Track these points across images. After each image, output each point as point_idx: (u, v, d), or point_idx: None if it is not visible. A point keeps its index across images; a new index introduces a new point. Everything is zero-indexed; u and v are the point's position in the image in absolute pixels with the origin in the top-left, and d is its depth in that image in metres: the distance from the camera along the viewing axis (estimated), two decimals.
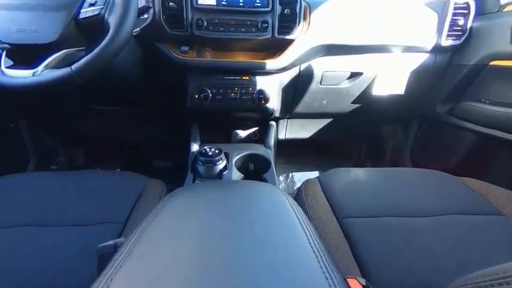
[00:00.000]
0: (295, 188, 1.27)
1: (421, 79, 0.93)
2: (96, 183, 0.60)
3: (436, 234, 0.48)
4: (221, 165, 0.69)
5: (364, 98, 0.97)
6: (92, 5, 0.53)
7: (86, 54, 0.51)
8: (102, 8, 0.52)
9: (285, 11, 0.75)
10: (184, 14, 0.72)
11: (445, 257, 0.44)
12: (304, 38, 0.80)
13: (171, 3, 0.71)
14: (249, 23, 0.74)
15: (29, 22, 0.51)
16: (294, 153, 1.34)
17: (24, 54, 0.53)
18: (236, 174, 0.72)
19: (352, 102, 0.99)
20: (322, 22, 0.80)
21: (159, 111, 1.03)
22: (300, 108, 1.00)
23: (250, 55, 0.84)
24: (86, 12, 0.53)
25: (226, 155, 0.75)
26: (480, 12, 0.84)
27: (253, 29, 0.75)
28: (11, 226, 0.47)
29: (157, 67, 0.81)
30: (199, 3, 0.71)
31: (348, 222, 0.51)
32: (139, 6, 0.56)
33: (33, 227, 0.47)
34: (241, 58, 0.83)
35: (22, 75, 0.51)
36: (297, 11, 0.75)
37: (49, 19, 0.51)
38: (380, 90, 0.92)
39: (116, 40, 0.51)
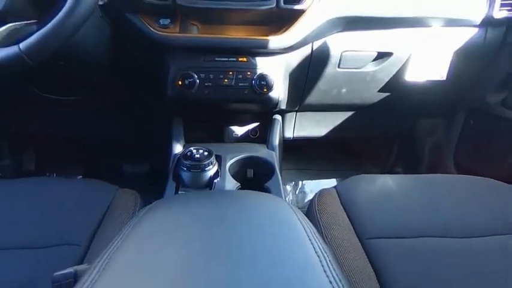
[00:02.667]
0: (307, 200, 1.27)
1: (467, 61, 0.93)
2: (51, 194, 0.60)
3: (489, 259, 0.49)
4: (211, 171, 0.69)
5: (395, 85, 0.97)
6: None
7: (38, 29, 0.51)
8: None
9: None
10: None
11: (500, 286, 0.45)
12: (317, 8, 0.79)
13: None
14: None
15: None
16: (304, 155, 1.34)
17: None
18: (231, 183, 0.72)
19: (379, 91, 1.00)
20: None
21: (130, 103, 1.03)
22: (313, 98, 1.00)
23: (248, 30, 0.84)
24: None
25: (218, 158, 0.75)
26: None
27: None
28: None
29: (128, 45, 0.81)
30: None
31: (373, 244, 0.52)
32: None
33: None
34: (237, 34, 0.83)
35: None
36: None
37: None
38: (415, 76, 0.93)
39: (76, 11, 0.51)
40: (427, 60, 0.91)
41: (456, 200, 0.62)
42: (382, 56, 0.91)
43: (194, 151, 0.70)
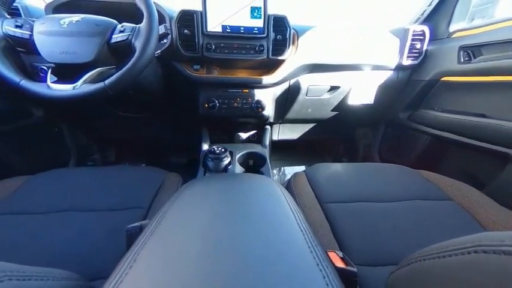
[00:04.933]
0: (286, 179, 1.26)
1: (386, 91, 0.93)
2: (125, 176, 0.60)
3: (399, 216, 0.48)
4: (226, 161, 0.69)
5: (341, 107, 0.97)
6: (121, 31, 0.53)
7: (116, 72, 0.51)
8: (130, 34, 0.52)
9: (278, 37, 0.75)
10: (196, 39, 0.72)
11: (406, 234, 0.44)
12: (293, 58, 0.80)
13: (185, 31, 0.71)
14: (248, 46, 0.74)
15: (70, 46, 0.51)
16: (285, 151, 1.34)
17: (66, 72, 0.52)
18: (238, 168, 0.72)
19: (332, 110, 1.00)
20: (307, 46, 0.80)
21: (176, 117, 1.02)
22: (290, 115, 1.00)
23: (249, 72, 0.84)
24: (117, 37, 0.53)
25: (231, 153, 0.75)
26: (433, 38, 0.85)
27: (252, 51, 0.75)
28: (50, 212, 0.46)
29: (174, 81, 0.81)
30: (208, 30, 0.71)
31: (329, 207, 0.51)
32: (160, 32, 0.55)
33: (72, 212, 0.47)
34: (242, 74, 0.83)
35: (64, 89, 0.51)
36: (287, 37, 0.75)
37: (86, 43, 0.51)
38: (354, 101, 0.93)
39: (141, 60, 0.50)
40: (361, 91, 0.91)
41: (380, 178, 0.61)
42: (333, 88, 0.91)
43: (215, 148, 0.70)
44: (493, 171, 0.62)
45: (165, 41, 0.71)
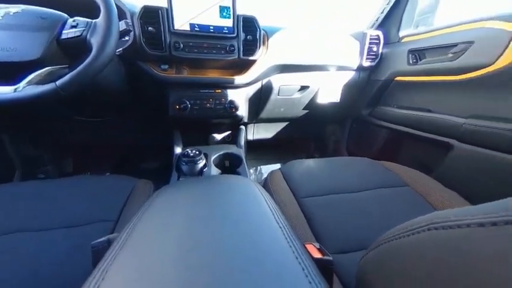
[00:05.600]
0: (263, 178, 1.28)
1: (350, 90, 1.00)
2: (86, 186, 0.53)
3: (366, 204, 0.51)
4: (201, 163, 0.67)
5: (311, 105, 1.01)
6: (73, 27, 0.47)
7: (70, 71, 0.45)
8: (84, 29, 0.47)
9: (248, 37, 0.75)
10: (163, 37, 0.68)
11: (373, 220, 0.47)
12: (263, 59, 0.81)
13: (150, 28, 0.66)
14: (219, 46, 0.73)
15: (7, 41, 0.43)
16: (260, 150, 1.35)
17: (4, 72, 0.45)
18: (214, 170, 0.71)
19: (303, 109, 1.03)
20: (277, 46, 0.82)
21: (145, 119, 0.96)
22: (264, 114, 1.01)
23: (221, 72, 0.83)
24: (68, 33, 0.47)
25: (206, 155, 0.73)
26: (387, 42, 0.94)
27: (223, 51, 0.74)
28: (2, 234, 0.40)
29: (140, 81, 0.76)
30: (175, 28, 0.68)
31: (304, 201, 0.53)
32: (121, 29, 0.51)
33: (22, 233, 0.40)
34: (213, 74, 0.81)
35: (2, 92, 0.43)
36: (258, 37, 0.76)
37: (29, 39, 0.44)
38: (322, 99, 0.98)
39: (99, 59, 0.46)
40: (329, 90, 0.97)
41: (348, 171, 0.64)
42: (303, 88, 0.95)
43: (189, 151, 0.68)
44: (439, 159, 0.71)
45: (127, 38, 0.66)
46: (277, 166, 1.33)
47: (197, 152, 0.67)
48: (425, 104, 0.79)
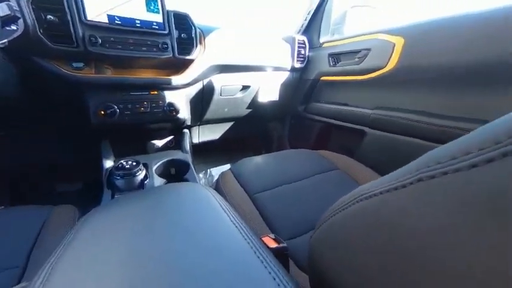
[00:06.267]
0: (214, 180, 1.25)
1: (287, 89, 1.09)
2: None
3: (310, 189, 0.57)
4: (141, 175, 0.59)
5: (254, 104, 1.05)
6: None
7: None
8: None
9: (182, 35, 0.71)
10: (72, 29, 0.55)
11: (316, 203, 0.53)
12: (202, 58, 0.78)
13: (49, 16, 0.53)
14: (149, 42, 0.66)
15: None
16: (208, 153, 1.31)
17: None
18: (158, 181, 0.64)
19: (247, 108, 1.06)
20: (215, 46, 0.81)
21: (54, 131, 0.76)
22: (208, 115, 0.98)
23: (154, 72, 0.75)
24: None
25: (145, 165, 0.65)
26: (311, 46, 1.08)
27: (155, 49, 0.67)
28: None
29: (40, 83, 0.59)
30: (88, 19, 0.56)
31: (257, 197, 0.54)
32: (2, 14, 0.38)
33: None
34: (147, 75, 0.73)
35: None
36: (193, 35, 0.72)
37: None
38: (263, 98, 1.03)
39: None
40: (268, 89, 1.03)
41: (291, 162, 0.69)
42: (244, 88, 0.97)
43: (124, 163, 0.59)
44: (357, 143, 0.87)
45: (13, 27, 0.50)
46: (228, 166, 1.32)
47: (134, 163, 0.59)
48: (344, 99, 0.95)
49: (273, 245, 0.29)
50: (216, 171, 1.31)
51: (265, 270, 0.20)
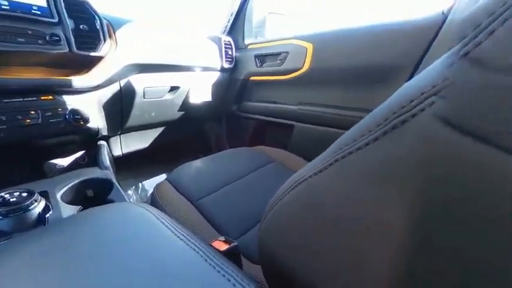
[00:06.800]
0: (149, 194, 1.11)
1: (219, 89, 1.08)
2: None
3: (252, 185, 0.60)
4: (38, 208, 0.44)
5: (186, 106, 0.99)
6: None
7: None
8: None
9: (81, 26, 0.57)
10: None
11: (261, 196, 0.55)
12: (114, 56, 0.66)
13: None
14: (30, 32, 0.50)
15: None
16: (138, 164, 1.14)
17: None
18: (68, 210, 0.50)
19: (179, 110, 0.99)
20: (131, 43, 0.70)
21: None
22: (131, 122, 0.85)
23: (46, 71, 0.58)
24: None
25: (44, 194, 0.49)
26: (238, 47, 1.12)
27: (40, 41, 0.51)
28: None
29: None
30: None
31: (201, 203, 0.52)
32: None
33: None
34: (32, 75, 0.55)
35: None
36: (97, 27, 0.60)
37: None
38: (195, 99, 0.98)
39: None
40: (200, 90, 0.99)
41: (232, 161, 0.70)
42: (173, 89, 0.90)
43: (7, 196, 0.42)
44: (289, 136, 0.98)
45: None
46: (164, 177, 1.20)
47: (24, 194, 0.44)
48: (273, 97, 1.04)
49: (223, 247, 0.29)
50: (150, 184, 1.16)
51: (219, 275, 0.19)
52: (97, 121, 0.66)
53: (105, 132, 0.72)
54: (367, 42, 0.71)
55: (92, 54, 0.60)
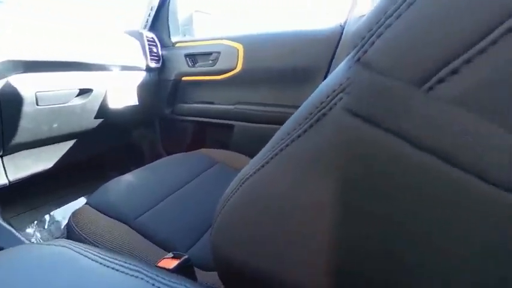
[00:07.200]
0: (63, 226, 0.87)
1: (146, 91, 0.97)
2: None
3: (197, 191, 0.56)
4: None
5: (106, 111, 0.83)
6: None
7: None
8: None
9: None
10: None
11: (207, 200, 0.53)
12: None
13: None
14: None
15: None
16: (39, 191, 0.88)
17: None
18: None
19: (96, 118, 0.82)
20: (6, 33, 0.53)
21: None
22: (21, 138, 0.64)
23: None
24: None
25: None
26: (164, 45, 1.02)
27: None
28: None
29: None
30: None
31: (138, 222, 0.46)
32: None
33: None
34: None
35: None
36: None
37: None
38: (116, 104, 0.84)
39: None
40: (122, 92, 0.86)
41: (172, 170, 0.64)
42: (84, 92, 0.74)
43: None
44: (230, 136, 0.98)
45: None
46: (83, 201, 0.97)
47: None
48: (210, 98, 1.02)
49: (173, 264, 0.26)
50: (64, 213, 0.91)
51: None
52: None
53: None
54: (289, 46, 0.80)
55: None
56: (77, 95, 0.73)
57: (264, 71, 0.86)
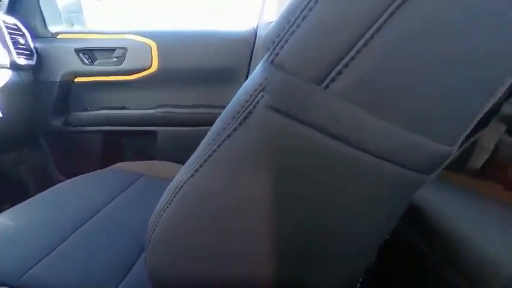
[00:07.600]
0: None
1: (17, 97, 0.70)
2: None
3: (118, 214, 0.46)
4: None
5: None
6: None
7: None
8: None
9: None
10: None
11: (134, 221, 0.43)
12: None
13: None
14: None
15: None
16: None
17: None
18: None
19: None
20: None
21: None
22: None
23: None
24: None
25: None
26: (36, 36, 0.77)
27: None
28: None
29: None
30: None
31: (28, 280, 0.32)
32: None
33: None
34: None
35: None
36: None
37: None
38: None
39: None
40: None
41: (78, 195, 0.50)
42: None
43: None
44: (154, 143, 0.86)
45: None
46: None
47: None
48: (120, 102, 0.87)
49: None
50: None
51: None
52: None
53: None
54: (206, 45, 0.82)
55: None
56: None
57: (184, 70, 0.83)
